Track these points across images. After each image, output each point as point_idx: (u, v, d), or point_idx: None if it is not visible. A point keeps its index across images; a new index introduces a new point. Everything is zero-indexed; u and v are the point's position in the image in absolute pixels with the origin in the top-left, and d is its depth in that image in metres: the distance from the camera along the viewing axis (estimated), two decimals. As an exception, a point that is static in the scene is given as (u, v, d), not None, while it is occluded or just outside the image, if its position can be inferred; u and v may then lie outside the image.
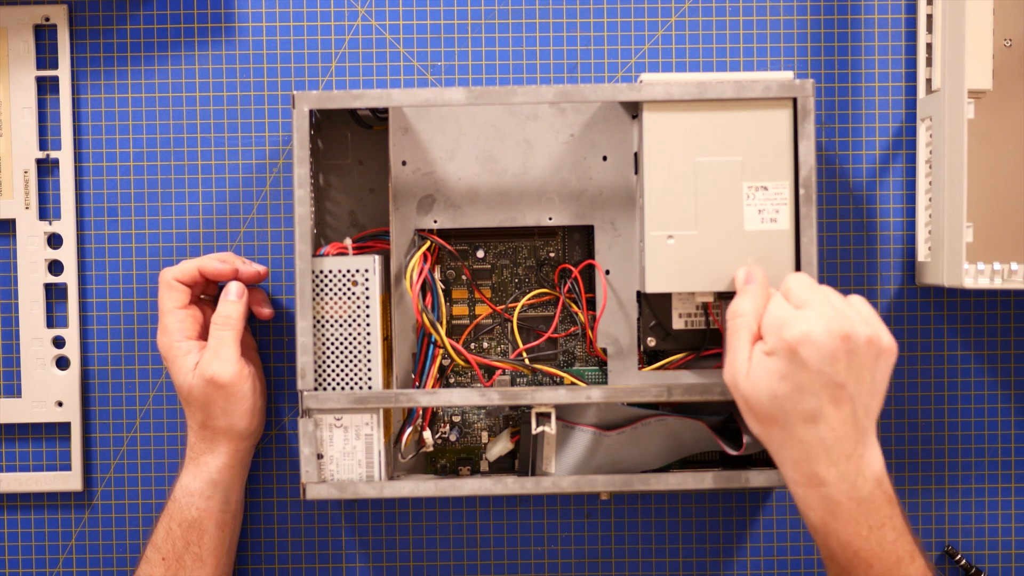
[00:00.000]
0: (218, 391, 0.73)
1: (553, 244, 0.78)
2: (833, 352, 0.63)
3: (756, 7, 0.81)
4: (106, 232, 0.82)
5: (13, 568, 0.82)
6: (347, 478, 0.73)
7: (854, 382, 0.64)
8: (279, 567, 0.82)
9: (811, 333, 0.63)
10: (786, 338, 0.64)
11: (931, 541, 0.82)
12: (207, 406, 0.74)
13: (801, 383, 0.63)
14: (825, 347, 0.63)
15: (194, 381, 0.73)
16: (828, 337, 0.63)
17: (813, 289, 0.66)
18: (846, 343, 0.63)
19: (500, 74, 0.81)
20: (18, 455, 0.82)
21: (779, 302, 0.66)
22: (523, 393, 0.72)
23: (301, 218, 0.72)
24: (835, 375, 0.63)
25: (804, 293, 0.66)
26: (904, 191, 0.81)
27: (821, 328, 0.63)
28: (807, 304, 0.65)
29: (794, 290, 0.66)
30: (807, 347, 0.63)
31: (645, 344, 0.76)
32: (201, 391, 0.73)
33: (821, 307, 0.64)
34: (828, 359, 0.63)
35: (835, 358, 0.63)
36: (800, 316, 0.64)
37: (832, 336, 0.63)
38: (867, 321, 0.65)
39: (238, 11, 0.81)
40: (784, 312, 0.65)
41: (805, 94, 0.71)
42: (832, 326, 0.63)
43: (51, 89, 0.81)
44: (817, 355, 0.63)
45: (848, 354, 0.63)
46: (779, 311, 0.65)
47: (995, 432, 0.82)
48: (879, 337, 0.65)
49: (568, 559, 0.82)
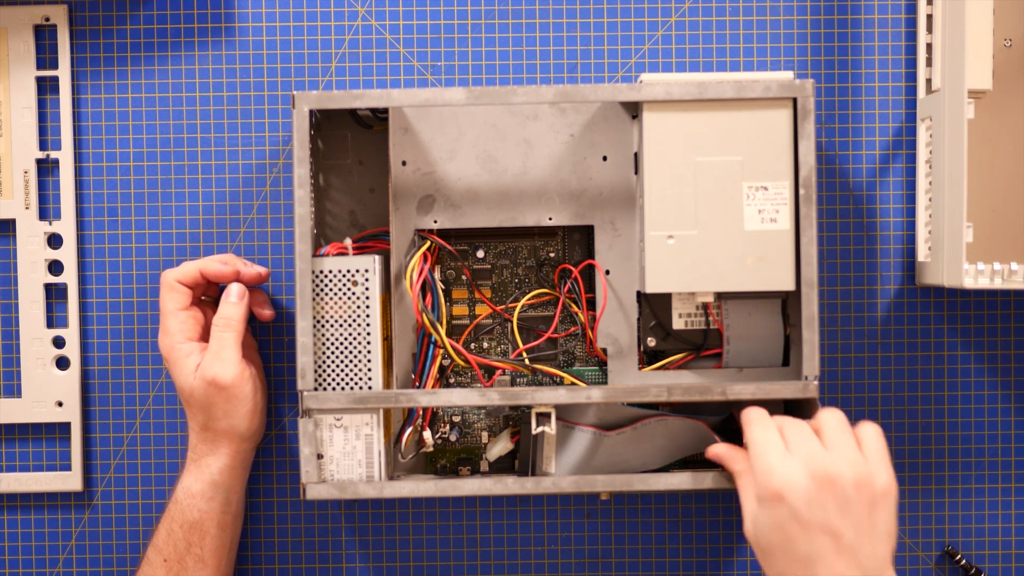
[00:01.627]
0: (219, 392, 0.73)
1: (553, 244, 0.78)
2: (819, 499, 0.62)
3: (756, 7, 0.81)
4: (106, 232, 0.82)
5: (13, 568, 0.82)
6: (347, 478, 0.73)
7: (851, 529, 0.62)
8: (279, 567, 0.82)
9: (792, 481, 0.63)
10: (770, 487, 0.63)
11: (931, 541, 0.82)
12: (208, 408, 0.74)
13: (793, 533, 0.62)
14: (809, 495, 0.62)
15: (195, 383, 0.73)
16: (809, 483, 0.62)
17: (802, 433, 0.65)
18: (831, 489, 0.62)
19: (500, 74, 0.81)
20: (18, 455, 0.82)
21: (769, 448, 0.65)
22: (523, 393, 0.72)
23: (301, 218, 0.72)
24: (827, 523, 0.62)
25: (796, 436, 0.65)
26: (904, 191, 0.81)
27: (801, 474, 0.63)
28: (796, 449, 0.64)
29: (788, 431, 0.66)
30: (791, 496, 0.62)
31: (645, 344, 0.76)
32: (202, 392, 0.73)
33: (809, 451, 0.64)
34: (816, 506, 0.62)
35: (822, 505, 0.62)
36: (784, 463, 0.64)
37: (814, 482, 0.62)
38: (857, 463, 0.63)
39: (238, 11, 0.81)
40: (771, 460, 0.64)
41: (805, 94, 0.71)
42: (816, 471, 0.63)
43: (51, 89, 0.81)
44: (803, 503, 0.62)
45: (837, 500, 0.62)
46: (765, 459, 0.65)
47: (995, 432, 0.82)
48: (871, 479, 0.63)
49: (568, 559, 0.82)
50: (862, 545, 0.62)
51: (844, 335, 0.81)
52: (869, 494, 0.63)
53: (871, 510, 0.63)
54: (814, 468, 0.63)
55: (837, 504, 0.62)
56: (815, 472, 0.63)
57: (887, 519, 0.64)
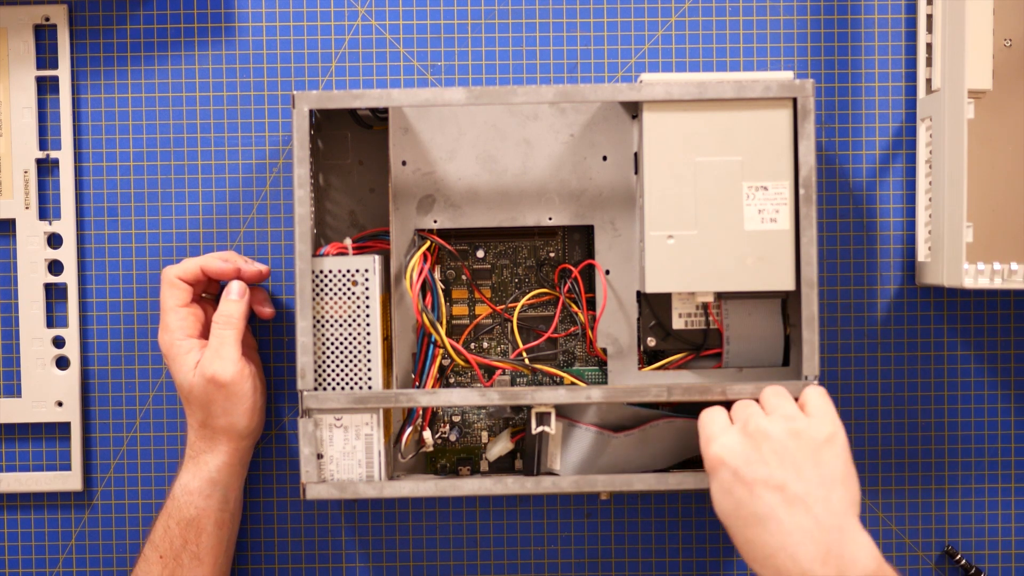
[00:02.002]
0: (218, 390, 0.73)
1: (553, 244, 0.78)
2: (756, 455, 0.63)
3: (756, 7, 0.81)
4: (106, 232, 0.82)
5: (13, 568, 0.82)
6: (347, 478, 0.73)
7: (795, 479, 0.62)
8: (279, 567, 0.82)
9: (728, 444, 0.64)
10: (711, 455, 0.65)
11: (931, 541, 0.82)
12: (207, 405, 0.74)
13: (740, 494, 0.63)
14: (746, 452, 0.63)
15: (195, 380, 0.73)
16: (745, 442, 0.64)
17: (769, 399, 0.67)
18: (767, 442, 0.63)
19: (500, 74, 0.81)
20: (18, 455, 0.82)
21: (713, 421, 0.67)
22: (523, 393, 0.72)
23: (301, 218, 0.72)
24: (769, 476, 0.62)
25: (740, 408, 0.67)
26: (904, 191, 0.81)
27: (736, 437, 0.64)
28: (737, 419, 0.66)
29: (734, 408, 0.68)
30: (729, 457, 0.64)
31: (645, 344, 0.76)
32: (201, 390, 0.73)
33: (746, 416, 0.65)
34: (754, 462, 0.63)
35: (761, 460, 0.63)
36: (722, 430, 0.65)
37: (749, 439, 0.64)
38: (793, 416, 0.64)
39: (238, 11, 0.81)
40: (712, 430, 0.66)
41: (805, 94, 0.71)
42: (750, 430, 0.64)
43: (51, 89, 0.81)
44: (741, 461, 0.63)
45: (775, 452, 0.63)
46: (707, 431, 0.66)
47: (995, 432, 0.82)
48: (809, 428, 0.64)
49: (568, 559, 0.82)
50: (810, 493, 0.62)
51: (844, 335, 0.81)
52: (809, 442, 0.63)
53: (815, 458, 0.63)
54: (749, 427, 0.64)
55: (776, 456, 0.63)
56: (750, 431, 0.64)
57: (836, 465, 0.63)
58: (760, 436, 0.64)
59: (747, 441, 0.64)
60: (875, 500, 0.82)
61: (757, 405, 0.68)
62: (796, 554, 0.61)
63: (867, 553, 0.61)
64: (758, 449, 0.63)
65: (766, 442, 0.63)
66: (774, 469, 0.62)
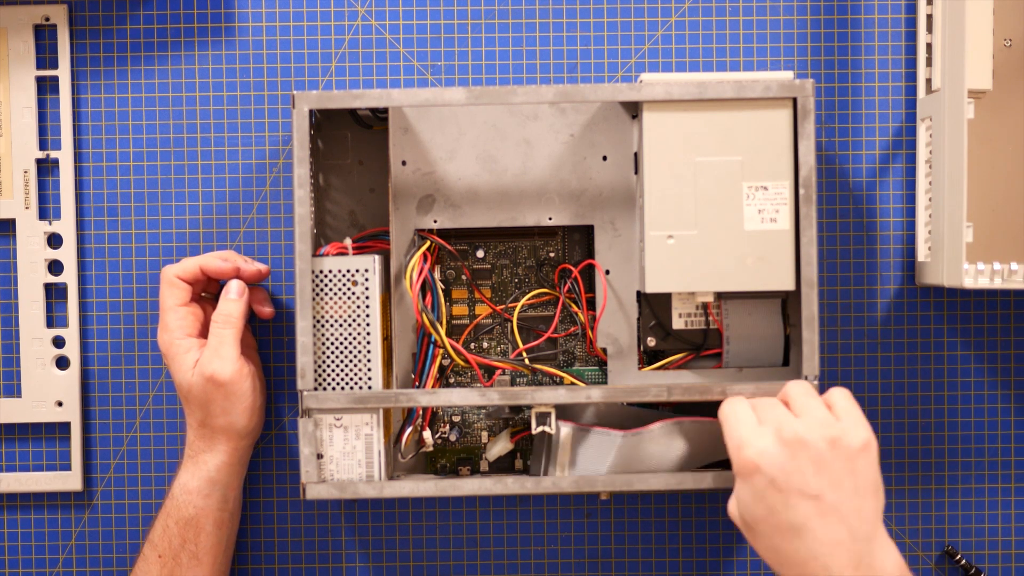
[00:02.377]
0: (217, 389, 0.73)
1: (553, 244, 0.78)
2: (794, 463, 0.62)
3: (756, 7, 0.81)
4: (106, 232, 0.82)
5: (13, 568, 0.82)
6: (347, 478, 0.73)
7: (831, 489, 0.61)
8: (279, 567, 0.82)
9: (764, 450, 0.62)
10: (744, 459, 0.63)
11: (931, 541, 0.82)
12: (206, 404, 0.74)
13: (774, 502, 0.62)
14: (783, 460, 0.62)
15: (194, 379, 0.73)
16: (782, 449, 0.62)
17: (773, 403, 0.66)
18: (805, 451, 0.62)
19: (500, 74, 0.81)
20: (18, 455, 0.82)
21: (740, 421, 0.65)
22: (523, 393, 0.72)
23: (301, 218, 0.72)
24: (805, 486, 0.61)
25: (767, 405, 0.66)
26: (904, 191, 0.81)
27: (772, 442, 0.62)
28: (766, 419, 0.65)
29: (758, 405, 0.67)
30: (765, 464, 0.62)
31: (645, 344, 0.76)
32: (200, 389, 0.73)
33: (779, 418, 0.64)
34: (792, 471, 0.62)
35: (798, 469, 0.62)
36: (755, 433, 0.63)
37: (786, 447, 0.62)
38: (828, 423, 0.63)
39: (238, 11, 0.81)
40: (742, 433, 0.64)
41: (805, 94, 0.71)
42: (787, 436, 0.62)
43: (51, 89, 0.81)
44: (778, 470, 0.62)
45: (812, 462, 0.62)
46: (737, 433, 0.65)
47: (995, 432, 0.82)
48: (845, 436, 0.63)
49: (568, 559, 0.82)
50: (844, 503, 0.62)
51: (844, 335, 0.81)
52: (845, 451, 0.62)
53: (850, 467, 0.62)
54: (785, 434, 0.63)
55: (813, 465, 0.62)
56: (786, 438, 0.62)
57: (869, 474, 0.63)
58: (798, 444, 0.62)
59: (784, 449, 0.62)
60: (875, 500, 0.82)
61: (783, 406, 0.66)
62: (829, 564, 0.61)
63: (894, 562, 0.63)
64: (796, 458, 0.62)
65: (804, 451, 0.62)
66: (811, 478, 0.61)
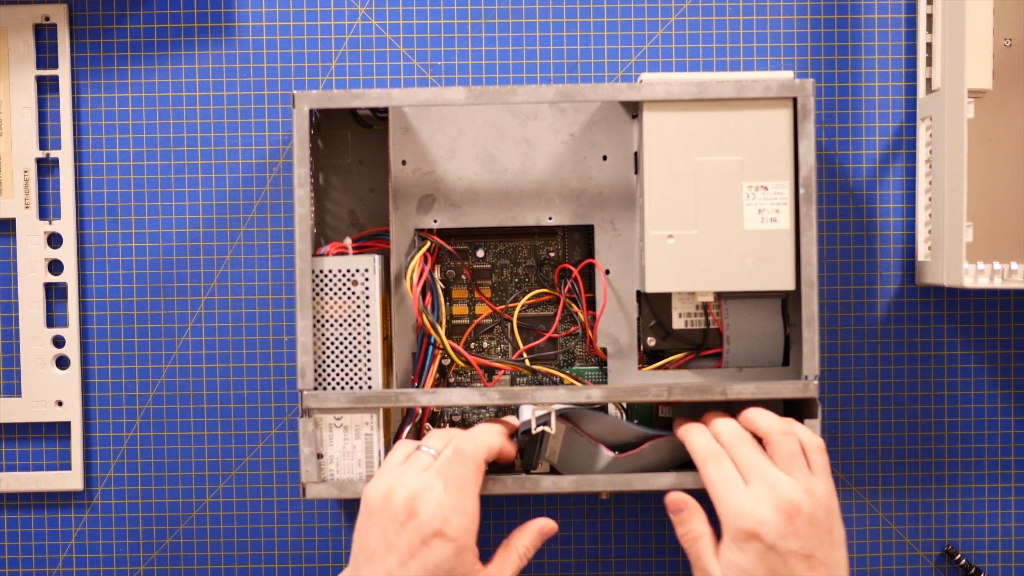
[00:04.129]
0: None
1: (553, 244, 0.78)
2: (791, 529, 0.65)
3: (756, 7, 0.81)
4: (106, 232, 0.82)
5: (13, 568, 0.82)
6: (347, 478, 0.73)
7: (820, 548, 0.65)
8: (279, 567, 0.82)
9: (763, 520, 0.65)
10: (743, 528, 0.65)
11: (931, 541, 0.82)
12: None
13: (773, 563, 0.65)
14: (781, 528, 0.65)
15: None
16: (779, 517, 0.65)
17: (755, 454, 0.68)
18: (799, 517, 0.65)
19: (500, 74, 0.81)
20: (18, 455, 0.82)
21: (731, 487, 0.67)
22: (523, 393, 0.72)
23: (301, 218, 0.72)
24: (801, 548, 0.65)
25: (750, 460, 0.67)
26: (904, 191, 0.81)
27: (769, 511, 0.65)
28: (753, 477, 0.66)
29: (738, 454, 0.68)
30: (765, 532, 0.65)
31: (645, 344, 0.76)
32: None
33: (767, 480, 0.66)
34: (789, 536, 0.65)
35: (795, 534, 0.65)
36: (750, 502, 0.65)
37: (783, 515, 0.65)
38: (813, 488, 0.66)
39: (238, 11, 0.81)
40: (737, 500, 0.66)
41: (805, 94, 0.71)
42: (781, 503, 0.65)
43: (51, 89, 0.81)
44: (776, 537, 0.64)
45: (807, 526, 0.65)
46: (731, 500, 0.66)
47: (995, 432, 0.82)
48: (828, 498, 0.66)
49: (568, 559, 0.82)
50: (829, 556, 0.66)
51: (844, 335, 0.81)
52: (826, 510, 0.66)
53: (830, 524, 0.66)
54: (779, 500, 0.65)
55: (808, 530, 0.65)
56: (781, 505, 0.65)
57: (840, 526, 0.67)
58: (793, 511, 0.65)
59: (781, 516, 0.65)
60: (875, 500, 0.82)
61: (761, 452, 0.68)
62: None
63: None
64: (792, 523, 0.65)
65: (799, 516, 0.65)
66: (805, 541, 0.65)
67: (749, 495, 0.66)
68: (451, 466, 0.66)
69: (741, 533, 0.65)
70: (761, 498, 0.66)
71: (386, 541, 0.65)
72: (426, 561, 0.64)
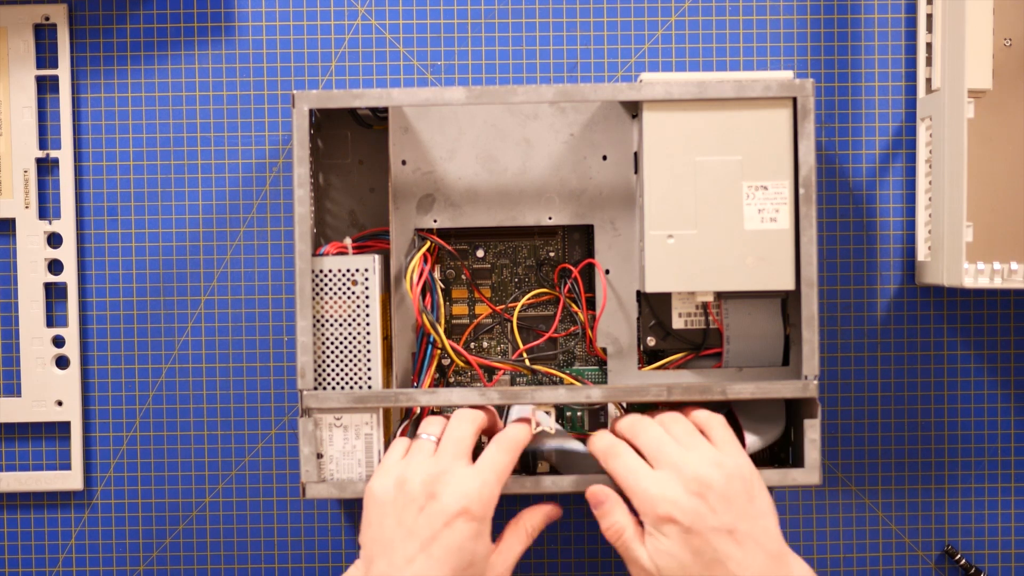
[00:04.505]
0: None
1: (553, 244, 0.78)
2: (704, 507, 0.64)
3: (756, 7, 0.81)
4: (106, 232, 0.82)
5: (13, 568, 0.82)
6: (347, 478, 0.73)
7: (741, 519, 0.64)
8: (279, 567, 0.82)
9: (675, 501, 0.64)
10: (657, 514, 0.64)
11: (931, 541, 0.82)
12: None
13: (696, 544, 0.64)
14: (694, 506, 0.64)
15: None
16: (691, 497, 0.64)
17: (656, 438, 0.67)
18: (710, 492, 0.64)
19: (500, 74, 0.81)
20: (18, 455, 0.82)
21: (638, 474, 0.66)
22: (523, 393, 0.72)
23: (301, 218, 0.72)
24: (720, 524, 0.64)
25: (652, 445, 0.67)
26: (904, 191, 0.81)
27: (678, 490, 0.64)
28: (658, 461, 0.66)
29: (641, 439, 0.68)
30: (679, 514, 0.64)
31: (645, 344, 0.76)
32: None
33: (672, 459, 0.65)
34: (705, 514, 0.64)
35: (711, 510, 0.64)
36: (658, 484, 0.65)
37: (693, 494, 0.64)
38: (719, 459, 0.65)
39: (238, 11, 0.81)
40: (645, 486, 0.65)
41: (805, 94, 0.71)
42: (689, 482, 0.64)
43: (51, 88, 0.81)
44: (692, 517, 0.64)
45: (720, 500, 0.64)
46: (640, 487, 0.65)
47: (995, 432, 0.82)
48: (738, 468, 0.65)
49: (568, 559, 0.82)
50: (754, 528, 0.64)
51: (844, 335, 0.81)
52: (741, 482, 0.65)
53: (748, 494, 0.65)
54: (687, 479, 0.64)
55: (723, 504, 0.64)
56: (689, 483, 0.64)
57: (763, 495, 0.66)
58: (703, 486, 0.64)
59: (693, 496, 0.64)
60: (875, 500, 0.82)
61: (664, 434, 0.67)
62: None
63: (806, 570, 0.66)
64: (705, 500, 0.64)
65: (710, 491, 0.64)
66: (722, 515, 0.64)
67: (657, 479, 0.65)
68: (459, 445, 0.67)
69: (657, 519, 0.64)
70: (669, 480, 0.65)
71: (404, 528, 0.65)
72: (448, 544, 0.64)
